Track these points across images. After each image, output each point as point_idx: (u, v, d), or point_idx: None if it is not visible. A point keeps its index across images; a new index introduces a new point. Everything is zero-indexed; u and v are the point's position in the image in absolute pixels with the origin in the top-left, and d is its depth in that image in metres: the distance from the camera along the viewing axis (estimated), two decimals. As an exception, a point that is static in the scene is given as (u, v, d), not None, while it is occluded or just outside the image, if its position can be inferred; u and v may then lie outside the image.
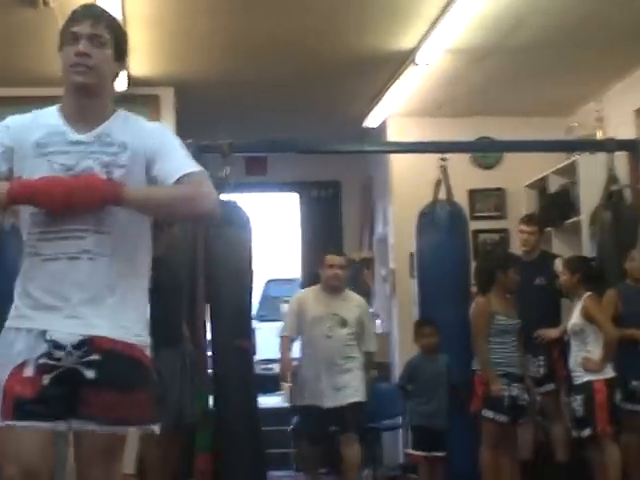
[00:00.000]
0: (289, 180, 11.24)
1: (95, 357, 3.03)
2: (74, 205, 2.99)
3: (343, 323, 6.98)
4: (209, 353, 7.02)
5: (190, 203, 3.10)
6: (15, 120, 3.25)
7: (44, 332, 3.04)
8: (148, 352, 3.20)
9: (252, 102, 8.73)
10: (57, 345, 3.02)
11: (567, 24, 6.84)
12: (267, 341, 13.85)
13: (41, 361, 3.02)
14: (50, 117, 3.24)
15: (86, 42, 3.14)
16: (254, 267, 7.12)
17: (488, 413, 6.57)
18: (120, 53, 3.26)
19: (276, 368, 12.94)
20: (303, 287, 11.35)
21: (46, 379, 3.02)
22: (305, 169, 10.49)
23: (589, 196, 7.66)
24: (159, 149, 3.17)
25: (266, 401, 10.29)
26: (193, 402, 6.32)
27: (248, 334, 7.23)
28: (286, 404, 10.22)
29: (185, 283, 6.56)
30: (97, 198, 3.00)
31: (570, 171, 8.18)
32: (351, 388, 6.91)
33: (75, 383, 3.02)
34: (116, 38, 3.22)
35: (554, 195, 8.44)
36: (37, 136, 3.16)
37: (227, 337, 6.85)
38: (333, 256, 7.22)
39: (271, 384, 12.67)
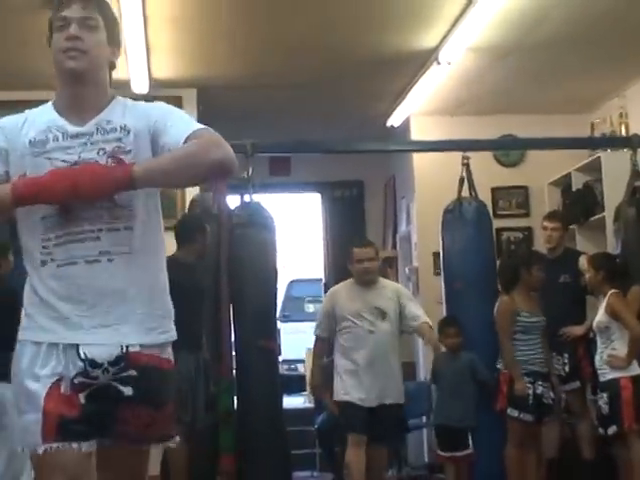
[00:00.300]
0: (312, 180, 11.24)
1: (132, 373, 2.87)
2: (82, 194, 2.77)
3: (383, 316, 6.56)
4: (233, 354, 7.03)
5: (202, 154, 2.82)
6: (8, 121, 3.06)
7: (75, 347, 2.85)
8: (171, 352, 3.05)
9: (275, 102, 8.74)
10: (93, 363, 2.84)
11: (589, 20, 6.82)
12: (291, 341, 13.93)
13: (77, 380, 2.83)
14: (44, 114, 3.03)
15: (77, 26, 2.93)
16: (278, 267, 7.13)
17: (513, 412, 6.57)
18: (113, 37, 3.05)
19: (300, 368, 13.09)
20: (327, 287, 11.44)
21: (82, 397, 2.84)
22: (328, 169, 10.50)
23: (613, 193, 7.63)
24: (161, 123, 2.95)
25: (290, 402, 10.32)
26: (205, 407, 6.47)
27: (273, 334, 7.23)
28: (310, 404, 10.26)
29: (208, 287, 6.61)
30: (107, 184, 2.78)
31: (594, 168, 8.16)
32: (394, 389, 6.56)
33: (111, 400, 2.87)
34: (108, 21, 3.02)
35: (578, 192, 8.41)
36: (32, 135, 2.96)
37: (251, 337, 6.85)
38: (360, 249, 6.81)
39: (295, 384, 12.70)
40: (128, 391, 2.86)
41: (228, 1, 6.51)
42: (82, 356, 2.84)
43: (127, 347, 2.86)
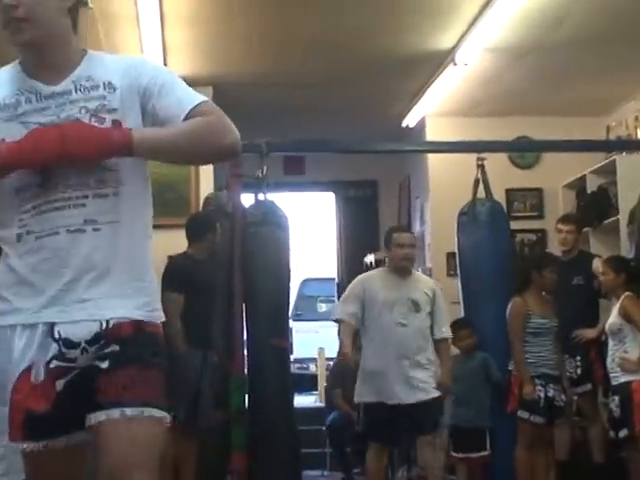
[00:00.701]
0: (326, 179, 11.25)
1: (114, 348, 2.54)
2: (70, 152, 2.48)
3: (417, 308, 6.24)
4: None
5: (215, 137, 2.62)
6: None
7: (52, 327, 2.55)
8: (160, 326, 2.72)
9: (290, 101, 8.75)
10: (69, 343, 2.54)
11: (607, 21, 6.81)
12: (303, 340, 13.94)
13: (53, 365, 2.54)
14: (11, 75, 2.68)
15: None
16: (291, 266, 7.13)
17: (524, 414, 6.56)
18: None
19: (312, 367, 13.09)
20: (339, 287, 11.44)
21: (60, 384, 2.55)
22: (343, 168, 10.51)
23: (628, 196, 7.62)
24: (154, 84, 2.64)
25: (301, 400, 10.33)
26: (209, 405, 6.43)
27: (285, 333, 7.23)
28: (321, 404, 10.28)
29: (220, 285, 6.62)
30: (100, 145, 2.50)
31: (609, 171, 8.14)
32: (426, 383, 6.24)
33: (91, 378, 2.53)
34: None
35: (592, 195, 8.40)
36: (0, 99, 2.63)
37: (264, 336, 6.85)
38: (402, 234, 6.51)
39: (306, 384, 12.71)
40: (105, 365, 2.53)
41: (244, 0, 6.52)
42: (56, 336, 2.54)
43: (108, 322, 2.55)
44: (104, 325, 2.55)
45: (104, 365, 2.52)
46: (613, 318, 6.45)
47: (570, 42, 7.19)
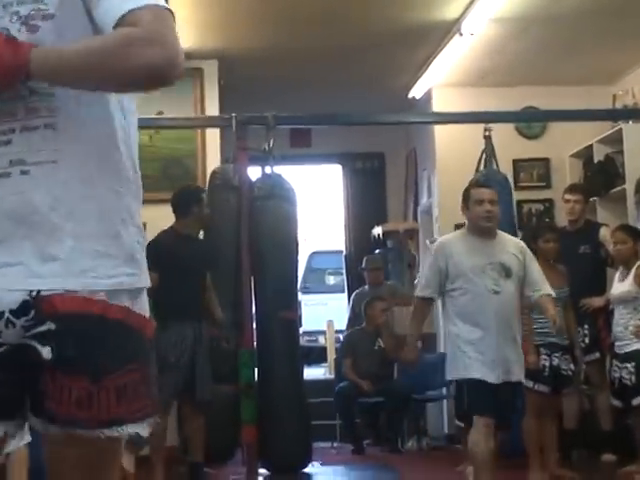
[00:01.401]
0: (333, 152, 11.24)
1: (49, 327, 1.98)
2: None
3: (508, 273, 5.41)
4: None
5: (125, 57, 1.91)
6: None
7: None
8: (138, 303, 2.11)
9: (296, 74, 8.73)
10: None
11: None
12: (311, 313, 13.99)
13: None
14: None
15: None
16: (299, 239, 7.15)
17: (528, 383, 6.56)
18: None
19: (321, 340, 13.13)
20: (347, 259, 11.46)
21: None
22: (349, 141, 10.51)
23: (634, 165, 7.62)
24: None
25: (310, 373, 10.37)
26: (206, 379, 6.42)
27: (294, 306, 7.27)
28: (330, 376, 10.32)
29: (227, 258, 6.61)
30: None
31: (615, 140, 8.13)
32: (517, 364, 5.44)
33: (29, 366, 2.01)
34: None
35: (599, 164, 8.39)
36: None
37: (272, 309, 6.89)
38: (481, 189, 5.67)
39: (316, 356, 12.76)
40: (47, 353, 1.98)
41: (249, -28, 6.51)
42: None
43: (38, 292, 1.99)
44: (33, 293, 2.00)
45: (45, 353, 1.98)
46: (627, 286, 6.46)
47: (576, 11, 7.16)
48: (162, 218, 8.15)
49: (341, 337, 10.02)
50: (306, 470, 7.14)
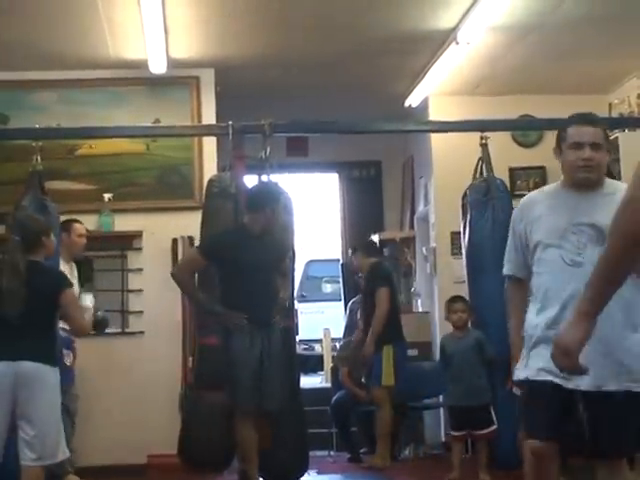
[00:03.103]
0: (330, 160, 11.26)
1: None
2: None
3: (600, 238, 3.83)
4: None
5: None
6: None
7: None
8: None
9: (293, 82, 8.73)
10: None
11: None
12: (308, 321, 13.96)
13: None
14: None
15: None
16: (296, 247, 7.14)
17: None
18: None
19: (317, 348, 13.11)
20: (344, 268, 11.43)
21: None
22: (346, 149, 10.52)
23: (630, 173, 7.59)
24: None
25: (307, 381, 10.34)
26: (275, 388, 6.29)
27: (290, 313, 7.25)
28: (327, 384, 10.31)
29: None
30: None
31: (612, 148, 8.13)
32: (618, 366, 3.84)
33: None
34: None
35: (596, 173, 8.38)
36: None
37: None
38: (582, 128, 4.31)
39: (312, 364, 12.74)
40: None
41: (246, -20, 6.51)
42: None
43: None
44: None
45: None
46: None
47: (572, 20, 7.17)
48: (159, 225, 8.20)
49: (338, 345, 10.01)
50: (303, 479, 7.12)
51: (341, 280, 11.72)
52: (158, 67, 7.80)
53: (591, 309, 2.69)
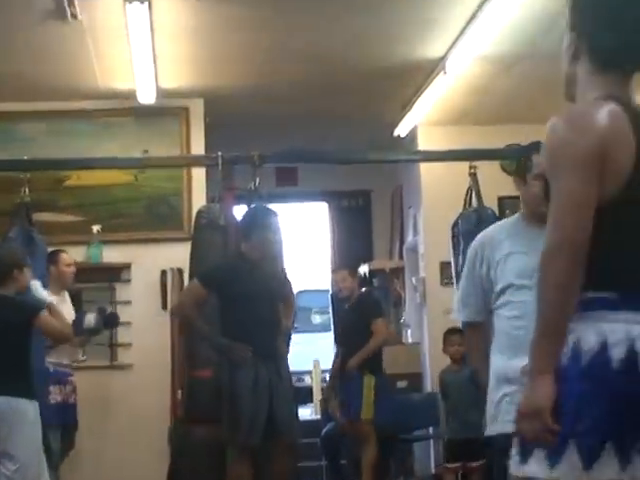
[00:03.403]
0: (319, 189, 11.25)
1: None
2: None
3: None
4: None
5: None
6: None
7: None
8: None
9: (282, 112, 8.73)
10: None
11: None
12: (298, 352, 13.87)
13: None
14: None
15: None
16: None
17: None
18: None
19: (307, 380, 13.03)
20: (333, 298, 11.38)
21: None
22: (335, 178, 10.50)
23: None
24: None
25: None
26: (289, 420, 6.26)
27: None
28: (317, 416, 10.24)
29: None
30: None
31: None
32: None
33: None
34: None
35: (585, 202, 8.38)
36: None
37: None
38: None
39: (302, 396, 12.64)
40: None
41: (234, 12, 6.50)
42: None
43: None
44: None
45: None
46: None
47: (560, 49, 7.16)
48: (147, 257, 8.16)
49: (327, 377, 9.95)
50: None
51: (330, 311, 11.67)
52: (147, 97, 7.79)
53: (549, 364, 2.37)
